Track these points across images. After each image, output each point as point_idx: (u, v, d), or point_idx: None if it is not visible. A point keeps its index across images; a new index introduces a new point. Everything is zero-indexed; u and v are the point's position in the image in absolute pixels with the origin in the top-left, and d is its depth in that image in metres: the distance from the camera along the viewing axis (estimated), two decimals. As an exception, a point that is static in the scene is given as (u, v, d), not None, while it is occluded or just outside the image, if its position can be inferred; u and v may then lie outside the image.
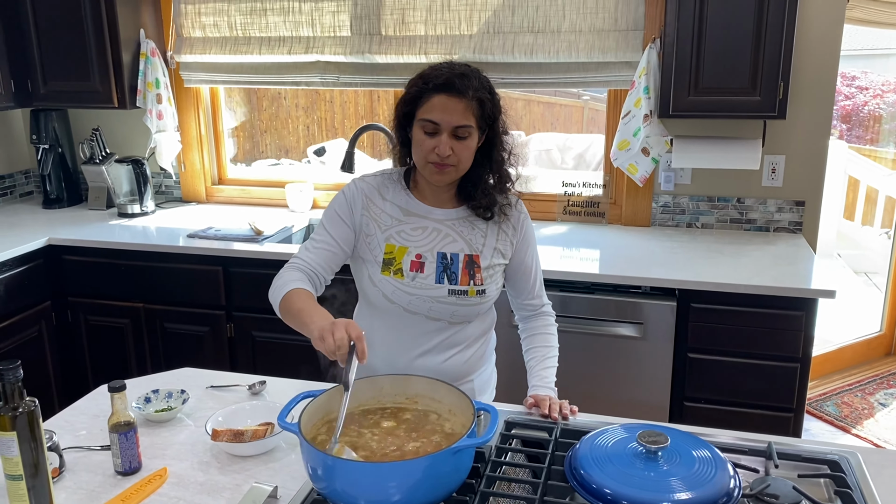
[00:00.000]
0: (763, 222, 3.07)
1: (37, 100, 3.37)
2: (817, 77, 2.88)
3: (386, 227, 1.71)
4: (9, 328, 2.96)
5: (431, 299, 1.69)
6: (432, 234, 1.71)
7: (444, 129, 1.60)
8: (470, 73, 1.62)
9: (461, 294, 1.69)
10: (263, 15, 3.32)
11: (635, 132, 2.85)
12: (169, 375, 1.91)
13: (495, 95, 1.67)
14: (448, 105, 1.58)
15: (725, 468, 1.30)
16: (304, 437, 1.26)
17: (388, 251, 1.70)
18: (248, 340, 3.04)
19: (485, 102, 1.62)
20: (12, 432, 1.23)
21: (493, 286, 1.74)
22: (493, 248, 1.74)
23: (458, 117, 1.59)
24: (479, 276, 1.70)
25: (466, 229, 1.73)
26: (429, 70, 1.64)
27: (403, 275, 1.68)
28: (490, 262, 1.72)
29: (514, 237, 1.78)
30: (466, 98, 1.59)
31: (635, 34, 2.93)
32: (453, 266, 1.69)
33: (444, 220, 1.72)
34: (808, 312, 2.46)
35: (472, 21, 3.08)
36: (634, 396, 2.65)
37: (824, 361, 4.13)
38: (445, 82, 1.59)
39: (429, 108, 1.60)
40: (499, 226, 1.76)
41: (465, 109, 1.59)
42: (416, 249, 1.69)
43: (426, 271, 1.68)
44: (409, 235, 1.71)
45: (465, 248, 1.71)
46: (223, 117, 3.71)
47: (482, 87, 1.62)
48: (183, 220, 3.38)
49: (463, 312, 1.72)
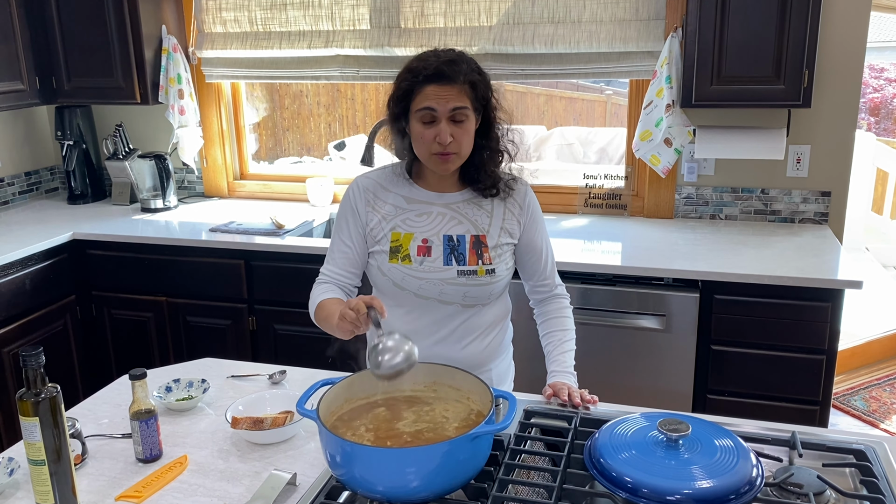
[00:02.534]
0: (788, 213, 3.03)
1: (61, 96, 3.41)
2: (843, 65, 2.83)
3: (391, 216, 1.73)
4: (34, 322, 3.00)
5: (441, 282, 1.69)
6: (437, 219, 1.72)
7: (441, 115, 1.60)
8: (457, 57, 1.64)
9: (470, 274, 1.70)
10: (283, 10, 3.33)
11: (657, 122, 2.82)
12: (190, 365, 1.93)
13: (485, 75, 1.67)
14: (441, 92, 1.60)
15: (748, 457, 1.28)
16: (323, 423, 1.26)
17: (394, 239, 1.71)
18: (270, 333, 3.05)
19: (477, 84, 1.63)
20: (35, 417, 1.24)
21: (503, 266, 1.74)
22: (499, 228, 1.74)
23: (453, 101, 1.60)
24: (486, 255, 1.71)
25: (471, 210, 1.74)
26: (415, 62, 1.64)
27: (411, 260, 1.70)
28: (497, 242, 1.73)
29: (522, 216, 1.78)
30: (458, 83, 1.60)
31: (657, 23, 2.90)
32: (460, 247, 1.70)
33: (449, 204, 1.74)
34: (835, 304, 2.43)
35: (491, 12, 3.07)
36: (657, 389, 2.63)
37: (851, 355, 4.06)
38: (435, 71, 1.60)
39: (423, 98, 1.61)
40: (504, 204, 1.76)
41: (459, 93, 1.60)
42: (422, 234, 1.71)
43: (433, 255, 1.70)
44: (413, 222, 1.72)
45: (470, 229, 1.72)
46: (244, 113, 3.73)
47: (471, 70, 1.64)
48: (205, 214, 3.41)
49: (474, 293, 1.72)
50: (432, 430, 1.35)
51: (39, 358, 1.24)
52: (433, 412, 1.41)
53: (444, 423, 1.38)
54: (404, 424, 1.37)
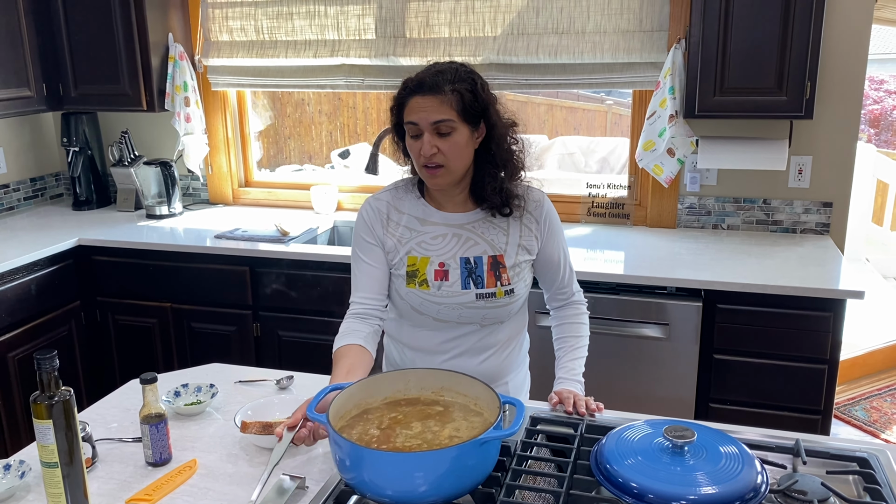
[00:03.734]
0: (790, 224, 3.05)
1: (67, 103, 3.43)
2: (845, 77, 2.85)
3: (406, 240, 1.70)
4: (39, 327, 3.01)
5: (460, 306, 1.68)
6: (452, 241, 1.69)
7: (423, 127, 1.58)
8: (447, 68, 1.60)
9: (489, 297, 1.68)
10: (290, 19, 3.35)
11: (661, 132, 2.84)
12: (198, 370, 1.94)
13: (478, 86, 1.61)
14: (423, 104, 1.57)
15: (752, 464, 1.29)
16: (333, 427, 1.28)
17: (410, 263, 1.68)
18: (275, 340, 3.06)
19: (463, 94, 1.57)
20: (48, 420, 1.25)
21: (522, 284, 1.72)
22: (516, 246, 1.71)
23: (434, 113, 1.56)
24: (505, 276, 1.68)
25: (487, 230, 1.70)
26: (410, 75, 1.63)
27: (429, 285, 1.67)
28: (515, 261, 1.70)
29: (539, 231, 1.74)
30: (441, 93, 1.56)
31: (660, 34, 2.93)
32: (478, 270, 1.67)
33: (463, 224, 1.70)
34: (836, 314, 2.44)
35: (496, 23, 3.09)
36: (660, 397, 2.64)
37: (853, 366, 4.08)
38: (418, 83, 1.58)
39: (409, 111, 1.60)
40: (520, 221, 1.72)
41: (442, 104, 1.56)
42: (439, 258, 1.68)
43: (451, 279, 1.67)
44: (429, 245, 1.69)
45: (487, 250, 1.69)
46: (249, 120, 3.76)
47: (460, 80, 1.59)
48: (210, 221, 3.43)
49: (493, 314, 1.70)
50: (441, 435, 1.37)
51: (54, 361, 1.26)
52: (442, 416, 1.42)
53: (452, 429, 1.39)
54: (413, 428, 1.39)
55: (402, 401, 1.48)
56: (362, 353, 1.62)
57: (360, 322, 1.69)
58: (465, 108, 1.58)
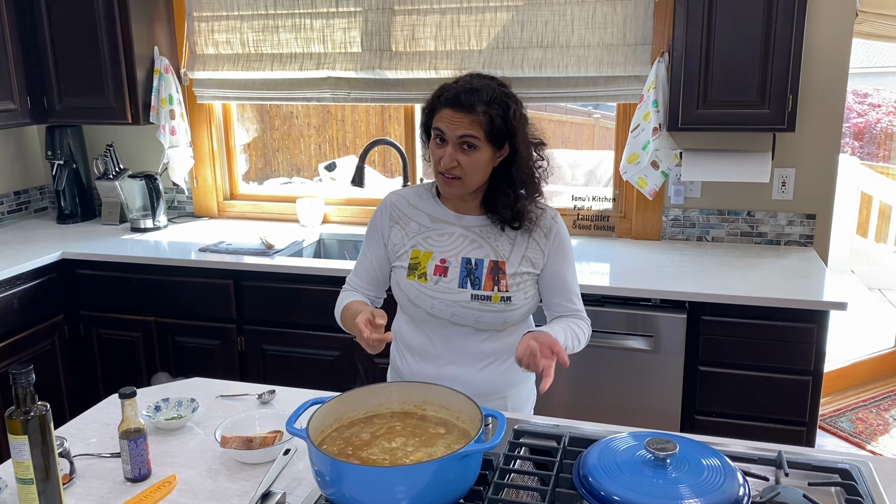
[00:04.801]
0: (774, 235, 3.06)
1: (52, 116, 3.42)
2: (827, 90, 2.88)
3: (413, 234, 1.75)
4: (22, 341, 2.98)
5: (454, 303, 1.70)
6: (458, 240, 1.73)
7: (449, 139, 1.62)
8: (483, 87, 1.62)
9: (484, 299, 1.69)
10: (275, 32, 3.36)
11: (644, 145, 2.85)
12: (179, 385, 1.93)
13: (511, 110, 1.63)
14: (455, 117, 1.61)
15: (735, 476, 1.29)
16: (313, 442, 1.27)
17: (413, 256, 1.74)
18: (259, 354, 3.05)
19: (494, 118, 1.60)
20: (24, 436, 1.24)
21: (521, 295, 1.72)
22: (521, 256, 1.72)
23: (462, 129, 1.60)
24: (504, 282, 1.69)
25: (494, 236, 1.73)
26: (450, 82, 1.67)
27: (427, 279, 1.71)
28: (517, 270, 1.71)
29: (547, 246, 1.74)
30: (473, 113, 1.60)
31: (644, 48, 2.95)
32: (477, 271, 1.70)
33: (472, 227, 1.74)
34: (820, 325, 2.45)
35: (481, 36, 3.11)
36: (645, 409, 2.64)
37: (838, 377, 4.09)
38: (454, 97, 1.61)
39: (438, 119, 1.64)
40: (530, 234, 1.73)
41: (472, 123, 1.60)
42: (441, 254, 1.72)
43: (449, 276, 1.70)
44: (434, 241, 1.74)
45: (490, 254, 1.71)
46: (235, 133, 3.75)
47: (494, 102, 1.61)
48: (195, 234, 3.41)
49: (487, 319, 1.71)
50: (422, 449, 1.36)
51: (29, 376, 1.24)
52: (424, 430, 1.42)
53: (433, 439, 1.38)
54: (394, 443, 1.38)
55: (384, 414, 1.48)
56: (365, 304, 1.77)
57: (358, 296, 1.83)
58: (493, 130, 1.61)
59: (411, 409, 1.48)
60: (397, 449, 1.36)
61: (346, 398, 1.44)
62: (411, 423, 1.44)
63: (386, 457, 1.34)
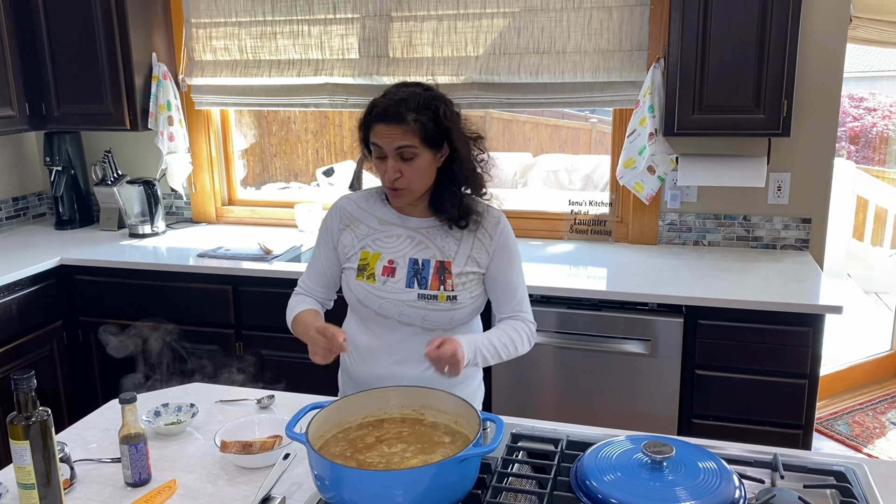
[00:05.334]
0: (769, 240, 3.08)
1: (50, 122, 3.43)
2: (821, 95, 2.90)
3: (363, 236, 1.80)
4: (21, 347, 2.99)
5: (401, 303, 1.74)
6: (406, 241, 1.77)
7: (388, 153, 1.67)
8: (409, 95, 1.66)
9: (430, 298, 1.73)
10: (273, 38, 3.37)
11: (640, 150, 2.87)
12: (178, 390, 1.93)
13: (441, 112, 1.67)
14: (387, 132, 1.66)
15: (731, 479, 1.30)
16: (312, 446, 1.28)
17: (363, 258, 1.78)
18: (258, 358, 3.05)
19: (425, 123, 1.65)
20: (25, 441, 1.24)
21: (467, 294, 1.76)
22: (466, 256, 1.77)
23: (397, 140, 1.65)
24: (449, 281, 1.74)
25: (440, 236, 1.78)
26: (378, 97, 1.70)
27: (375, 279, 1.75)
28: (463, 269, 1.76)
29: (491, 245, 1.79)
30: (405, 123, 1.64)
31: (639, 54, 2.97)
32: (424, 271, 1.74)
33: (419, 228, 1.79)
34: (816, 328, 2.46)
35: (478, 43, 3.12)
36: (642, 413, 2.65)
37: (834, 380, 4.10)
38: (382, 111, 1.66)
39: (374, 135, 1.69)
40: (475, 234, 1.79)
41: (405, 133, 1.64)
42: (389, 255, 1.76)
43: (397, 276, 1.75)
44: (383, 243, 1.78)
45: (436, 255, 1.76)
46: (233, 139, 3.76)
47: (422, 108, 1.65)
48: (193, 240, 3.42)
49: (434, 318, 1.74)
50: (420, 451, 1.37)
51: (31, 381, 1.25)
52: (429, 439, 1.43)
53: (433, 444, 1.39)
54: (395, 448, 1.39)
55: (382, 420, 1.49)
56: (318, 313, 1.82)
57: (310, 301, 1.87)
58: (427, 135, 1.66)
59: (410, 413, 1.49)
60: (394, 454, 1.37)
61: (344, 403, 1.45)
62: (420, 429, 1.45)
63: (382, 461, 1.35)
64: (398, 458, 1.36)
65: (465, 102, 3.20)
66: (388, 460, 1.35)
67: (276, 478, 1.42)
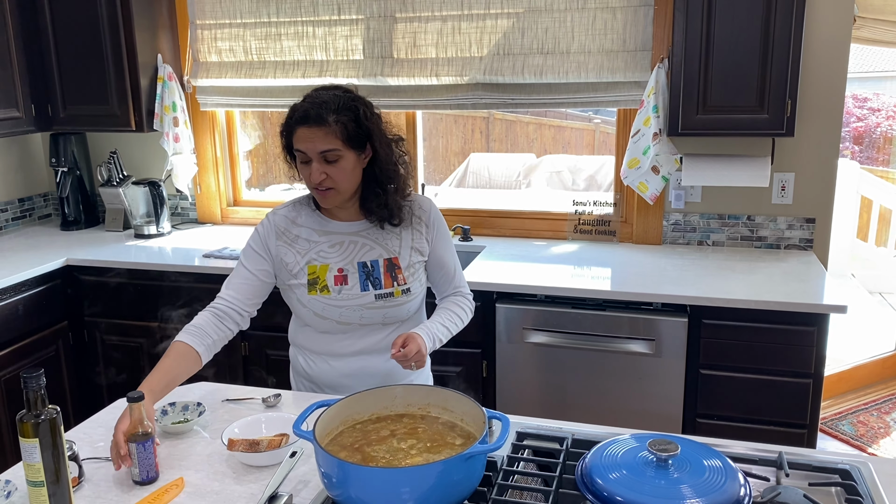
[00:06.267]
0: (774, 240, 3.08)
1: (56, 124, 3.44)
2: (825, 95, 2.90)
3: (304, 250, 1.80)
4: (26, 347, 3.00)
5: (361, 307, 1.77)
6: (349, 247, 1.80)
7: (312, 156, 1.68)
8: (329, 98, 1.69)
9: (387, 297, 1.78)
10: (278, 40, 3.38)
11: (645, 150, 2.88)
12: (185, 389, 1.94)
13: (360, 113, 1.70)
14: (309, 135, 1.67)
15: (736, 477, 1.30)
16: (319, 444, 1.28)
17: (310, 272, 1.79)
18: (263, 358, 3.06)
19: (347, 124, 1.67)
20: (35, 439, 1.25)
21: (417, 283, 1.83)
22: (409, 248, 1.83)
23: (320, 143, 1.66)
24: (401, 276, 1.80)
25: (380, 235, 1.82)
26: (297, 102, 1.72)
27: (329, 290, 1.77)
28: (410, 262, 1.81)
29: (429, 234, 1.86)
30: (326, 125, 1.66)
31: (643, 54, 2.97)
32: (375, 272, 1.78)
33: (358, 232, 1.81)
34: (820, 328, 2.47)
35: (482, 43, 3.13)
36: (647, 412, 2.65)
37: (839, 380, 4.10)
38: (303, 115, 1.68)
39: (296, 140, 1.70)
40: (411, 226, 1.84)
41: (327, 135, 1.66)
42: (337, 264, 1.78)
43: (350, 282, 1.77)
44: (327, 253, 1.79)
45: (382, 253, 1.80)
46: (238, 140, 3.78)
47: (343, 109, 1.68)
48: (198, 240, 3.43)
49: (393, 313, 1.81)
50: (426, 450, 1.38)
51: (40, 380, 1.26)
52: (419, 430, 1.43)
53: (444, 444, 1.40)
54: (395, 444, 1.39)
55: (388, 417, 1.49)
56: (191, 361, 1.72)
57: (216, 321, 1.78)
58: (349, 136, 1.68)
59: (416, 411, 1.50)
60: (400, 450, 1.38)
61: (351, 401, 1.46)
62: (417, 425, 1.46)
63: (387, 455, 1.36)
64: (403, 454, 1.37)
65: (470, 103, 3.22)
66: (392, 455, 1.36)
67: (283, 476, 1.42)
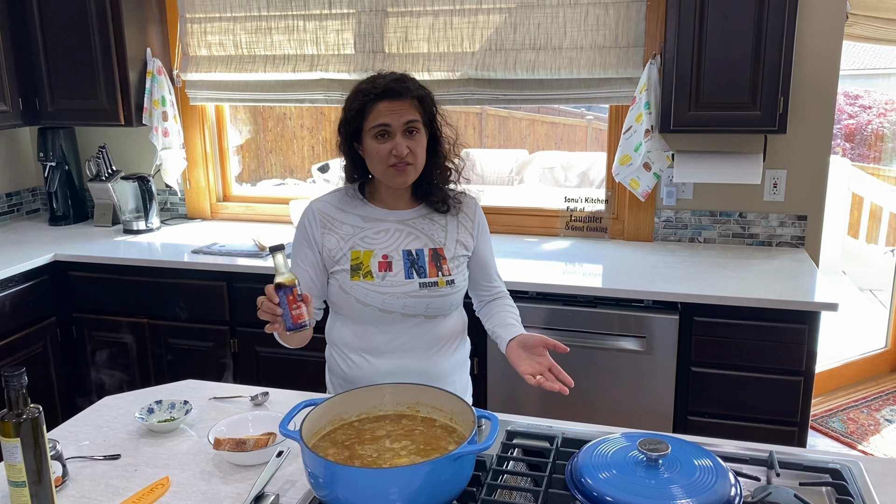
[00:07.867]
0: (765, 237, 3.08)
1: (44, 118, 3.41)
2: (818, 92, 2.90)
3: (349, 236, 1.78)
4: (14, 343, 2.98)
5: (404, 295, 1.74)
6: (395, 235, 1.78)
7: (395, 129, 1.68)
8: (403, 76, 1.73)
9: (432, 286, 1.76)
10: (268, 34, 3.36)
11: (637, 147, 2.87)
12: (172, 387, 1.92)
13: (429, 92, 1.77)
14: (393, 107, 1.68)
15: (726, 476, 1.30)
16: (306, 444, 1.27)
17: (354, 258, 1.76)
18: (252, 355, 3.04)
19: (424, 98, 1.73)
20: (16, 438, 1.23)
21: (461, 276, 1.81)
22: (455, 240, 1.82)
23: (406, 114, 1.69)
24: (446, 266, 1.78)
25: (426, 225, 1.81)
26: (363, 85, 1.73)
27: (373, 276, 1.74)
28: (455, 254, 1.80)
29: (474, 230, 1.86)
30: (407, 98, 1.69)
31: (636, 50, 2.96)
32: (420, 261, 1.76)
33: (404, 220, 1.80)
34: (811, 326, 2.46)
35: (474, 39, 3.11)
36: (638, 410, 2.65)
37: (829, 378, 4.11)
38: (385, 89, 1.69)
39: (376, 116, 1.69)
40: (457, 219, 1.84)
41: (410, 107, 1.70)
42: (382, 251, 1.76)
43: (395, 269, 1.75)
44: (371, 239, 1.78)
45: (428, 243, 1.79)
46: (228, 135, 3.75)
47: (418, 87, 1.74)
48: (187, 236, 3.41)
49: (437, 304, 1.77)
50: (416, 451, 1.36)
51: (22, 378, 1.24)
52: (416, 432, 1.42)
53: (427, 441, 1.38)
54: (388, 444, 1.38)
55: (377, 416, 1.48)
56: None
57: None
58: (425, 112, 1.73)
59: (405, 410, 1.48)
60: (389, 450, 1.37)
61: (339, 400, 1.45)
62: (405, 424, 1.45)
63: (374, 455, 1.34)
64: (392, 454, 1.35)
65: (462, 98, 3.20)
66: (379, 455, 1.35)
67: (269, 475, 1.41)
